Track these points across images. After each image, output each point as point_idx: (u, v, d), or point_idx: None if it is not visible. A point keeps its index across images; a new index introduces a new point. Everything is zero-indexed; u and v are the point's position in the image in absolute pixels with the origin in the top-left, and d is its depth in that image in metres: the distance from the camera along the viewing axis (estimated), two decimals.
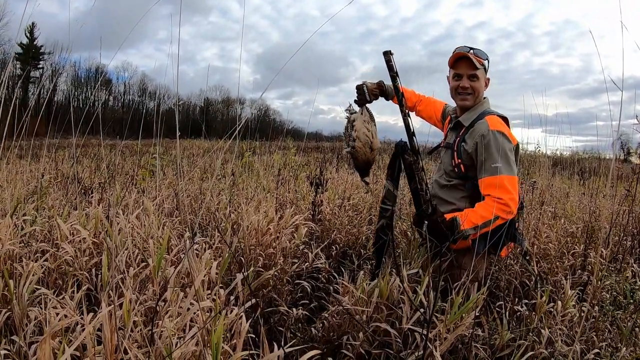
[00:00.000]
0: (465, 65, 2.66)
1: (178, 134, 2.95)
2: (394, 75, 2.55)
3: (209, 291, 2.18)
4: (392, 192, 2.63)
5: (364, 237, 3.86)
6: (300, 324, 2.61)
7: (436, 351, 1.90)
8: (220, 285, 2.33)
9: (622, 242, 3.80)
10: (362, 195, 5.21)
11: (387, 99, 2.93)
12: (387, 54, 2.51)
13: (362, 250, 3.33)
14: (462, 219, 2.43)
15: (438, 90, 3.00)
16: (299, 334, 2.55)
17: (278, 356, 1.67)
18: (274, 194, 4.37)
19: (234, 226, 3.28)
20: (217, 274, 2.33)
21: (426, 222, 2.45)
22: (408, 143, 2.52)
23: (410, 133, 2.50)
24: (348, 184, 6.01)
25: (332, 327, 2.42)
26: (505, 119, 2.66)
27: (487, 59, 2.72)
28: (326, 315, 2.48)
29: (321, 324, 2.49)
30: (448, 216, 2.50)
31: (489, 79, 2.77)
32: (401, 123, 2.51)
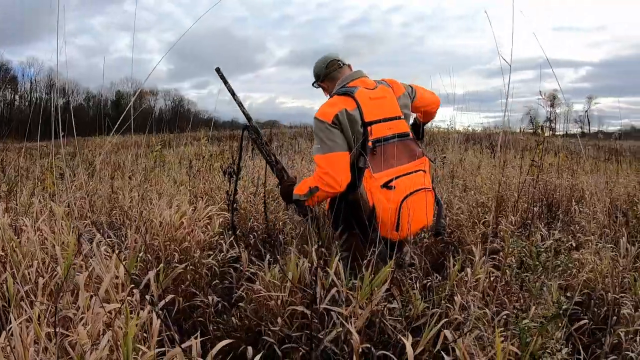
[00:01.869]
0: None
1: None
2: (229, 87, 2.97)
3: (124, 293, 2.09)
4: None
5: (281, 223, 3.83)
6: (225, 316, 2.56)
7: (352, 328, 1.90)
8: (133, 285, 2.25)
9: (531, 209, 3.98)
10: (276, 180, 5.17)
11: None
12: (218, 71, 2.95)
13: (280, 236, 3.29)
14: (296, 186, 2.78)
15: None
16: (221, 326, 2.51)
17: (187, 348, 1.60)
18: (187, 187, 4.27)
19: (147, 223, 3.16)
20: (125, 274, 2.23)
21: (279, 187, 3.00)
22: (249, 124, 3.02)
23: (248, 118, 3.02)
24: (263, 170, 5.96)
25: (249, 315, 2.39)
26: (346, 92, 2.75)
27: (315, 74, 3.13)
28: (242, 304, 2.45)
29: (239, 313, 2.46)
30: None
31: (328, 81, 3.05)
32: (316, 106, 2.81)
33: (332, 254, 2.29)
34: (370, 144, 2.64)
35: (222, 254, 3.01)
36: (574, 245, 3.37)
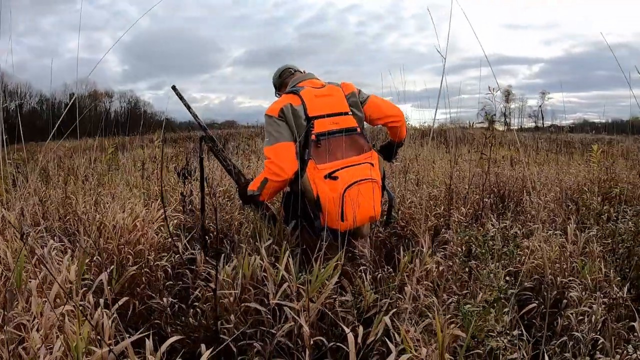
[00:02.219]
0: None
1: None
2: (185, 103, 3.21)
3: (77, 297, 2.07)
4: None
5: (237, 223, 3.82)
6: (183, 317, 2.55)
7: (304, 322, 1.92)
8: (86, 288, 2.23)
9: (483, 201, 4.07)
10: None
11: None
12: (174, 89, 3.19)
13: (236, 236, 3.29)
14: (250, 184, 2.91)
15: (309, 70, 3.16)
16: (179, 327, 2.50)
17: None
18: (140, 189, 4.22)
19: (100, 227, 3.12)
20: (77, 277, 2.21)
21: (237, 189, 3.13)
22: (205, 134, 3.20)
23: (203, 129, 3.26)
24: (219, 171, 5.97)
25: (205, 314, 2.39)
26: (292, 91, 2.94)
27: (273, 85, 3.33)
28: (197, 303, 2.44)
29: (195, 313, 2.46)
30: None
31: (284, 88, 3.20)
32: (267, 105, 2.93)
33: (283, 250, 2.30)
34: (314, 137, 2.77)
35: (178, 255, 2.99)
36: (524, 233, 3.46)
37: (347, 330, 1.63)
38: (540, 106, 55.80)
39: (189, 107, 3.20)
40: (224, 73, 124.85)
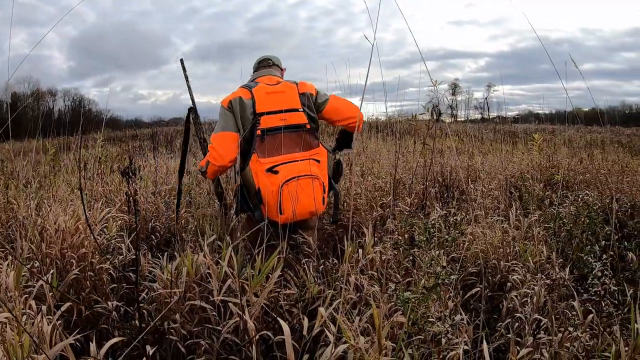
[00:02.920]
0: None
1: None
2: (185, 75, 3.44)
3: (18, 305, 2.01)
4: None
5: (183, 221, 3.78)
6: (132, 320, 2.51)
7: (249, 317, 1.92)
8: (26, 295, 2.17)
9: (428, 190, 4.15)
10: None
11: None
12: (182, 61, 3.45)
13: (183, 234, 3.25)
14: (201, 161, 3.11)
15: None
16: (127, 330, 2.45)
17: None
18: (84, 191, 4.12)
19: (42, 231, 3.04)
20: (16, 284, 2.15)
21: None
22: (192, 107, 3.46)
23: (193, 101, 3.49)
24: (166, 169, 5.92)
25: (151, 315, 2.36)
26: (247, 86, 3.06)
27: None
28: (142, 305, 2.40)
29: (140, 315, 2.41)
30: None
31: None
32: (216, 101, 3.12)
33: (225, 246, 2.30)
34: (259, 132, 2.87)
35: (122, 256, 2.94)
36: (467, 220, 3.54)
37: (282, 322, 1.64)
38: (486, 98, 57.10)
39: (187, 79, 3.46)
40: (172, 68, 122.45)
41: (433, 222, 2.79)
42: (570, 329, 2.02)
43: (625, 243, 3.35)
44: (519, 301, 2.44)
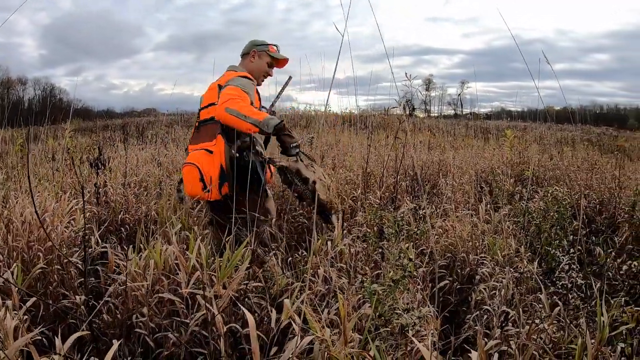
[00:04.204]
0: (279, 65, 3.46)
1: None
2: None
3: None
4: None
5: (153, 213, 3.74)
6: (100, 314, 2.47)
7: (216, 309, 1.91)
8: None
9: (399, 183, 4.18)
10: (148, 169, 5.09)
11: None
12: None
13: (152, 227, 3.21)
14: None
15: (232, 58, 3.25)
16: (94, 325, 2.41)
17: None
18: (50, 182, 4.05)
19: (8, 224, 2.97)
20: None
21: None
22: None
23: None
24: (136, 160, 5.87)
25: (118, 309, 2.32)
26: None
27: None
28: (109, 298, 2.37)
29: (108, 309, 2.38)
30: None
31: None
32: (196, 93, 3.21)
33: (192, 237, 2.28)
34: (197, 123, 3.24)
35: (90, 249, 2.89)
36: (438, 213, 3.58)
37: (247, 313, 1.63)
38: (459, 95, 57.75)
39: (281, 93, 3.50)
40: (145, 58, 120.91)
41: (402, 215, 2.81)
42: (538, 321, 2.05)
43: (593, 238, 3.43)
44: (488, 294, 2.48)
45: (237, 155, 3.02)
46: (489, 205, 3.73)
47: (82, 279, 2.76)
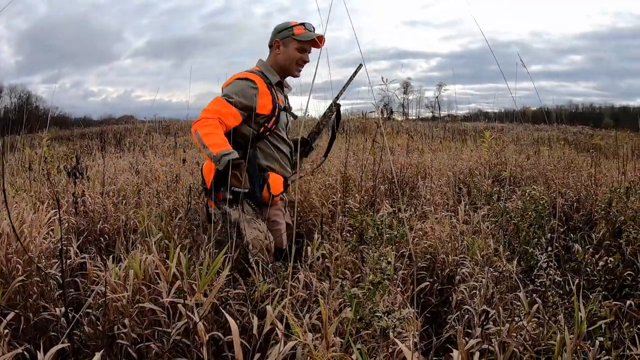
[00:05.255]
0: (315, 45, 3.03)
1: None
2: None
3: None
4: None
5: (132, 222, 3.71)
6: (84, 327, 2.45)
7: (197, 317, 1.91)
8: None
9: (377, 187, 4.22)
10: (127, 178, 5.05)
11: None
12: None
13: (132, 236, 3.19)
14: None
15: (211, 63, 3.15)
16: (75, 337, 2.39)
17: None
18: (27, 192, 4.00)
19: None
20: None
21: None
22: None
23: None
24: (114, 169, 5.82)
25: (99, 320, 2.31)
26: None
27: None
28: (89, 310, 2.35)
29: (89, 320, 2.36)
30: None
31: None
32: (174, 99, 3.14)
33: (172, 245, 2.28)
34: None
35: (69, 260, 2.87)
36: (417, 216, 3.61)
37: (229, 319, 1.63)
38: (437, 97, 58.24)
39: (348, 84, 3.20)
40: (123, 64, 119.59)
41: (382, 218, 2.83)
42: (517, 319, 2.09)
43: (571, 235, 3.49)
44: (468, 293, 2.51)
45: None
46: (467, 206, 3.77)
47: (62, 291, 2.73)
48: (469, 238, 3.10)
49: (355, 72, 3.15)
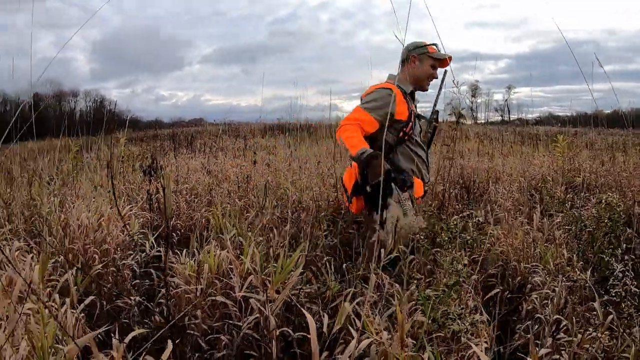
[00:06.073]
0: (445, 65, 3.21)
1: None
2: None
3: (42, 297, 2.03)
4: None
5: (204, 220, 3.80)
6: (152, 315, 2.53)
7: (269, 313, 1.93)
8: (51, 289, 2.20)
9: (448, 191, 4.15)
10: (199, 177, 5.18)
11: None
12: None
13: (204, 233, 3.26)
14: None
15: (279, 69, 3.21)
16: (146, 326, 2.47)
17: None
18: (105, 189, 4.16)
19: (65, 227, 3.07)
20: (40, 277, 2.18)
21: None
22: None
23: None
24: (187, 169, 6.02)
25: (171, 310, 2.37)
26: None
27: None
28: (162, 300, 2.42)
29: (161, 310, 2.43)
30: None
31: None
32: (242, 103, 3.08)
33: (247, 242, 2.31)
34: None
35: (144, 253, 2.96)
36: (489, 222, 3.53)
37: (307, 315, 1.64)
38: (506, 100, 56.68)
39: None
40: (193, 70, 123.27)
41: (456, 222, 2.78)
42: (590, 329, 2.01)
43: None
44: (539, 302, 2.43)
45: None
46: (538, 213, 3.66)
47: (137, 281, 2.83)
48: (542, 246, 3.00)
49: (443, 79, 3.28)
